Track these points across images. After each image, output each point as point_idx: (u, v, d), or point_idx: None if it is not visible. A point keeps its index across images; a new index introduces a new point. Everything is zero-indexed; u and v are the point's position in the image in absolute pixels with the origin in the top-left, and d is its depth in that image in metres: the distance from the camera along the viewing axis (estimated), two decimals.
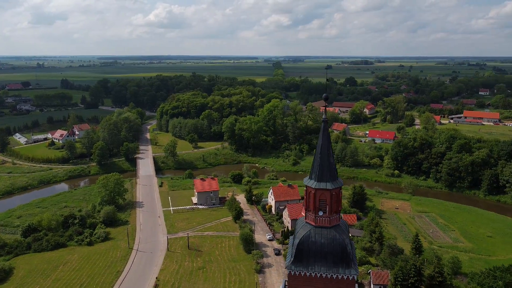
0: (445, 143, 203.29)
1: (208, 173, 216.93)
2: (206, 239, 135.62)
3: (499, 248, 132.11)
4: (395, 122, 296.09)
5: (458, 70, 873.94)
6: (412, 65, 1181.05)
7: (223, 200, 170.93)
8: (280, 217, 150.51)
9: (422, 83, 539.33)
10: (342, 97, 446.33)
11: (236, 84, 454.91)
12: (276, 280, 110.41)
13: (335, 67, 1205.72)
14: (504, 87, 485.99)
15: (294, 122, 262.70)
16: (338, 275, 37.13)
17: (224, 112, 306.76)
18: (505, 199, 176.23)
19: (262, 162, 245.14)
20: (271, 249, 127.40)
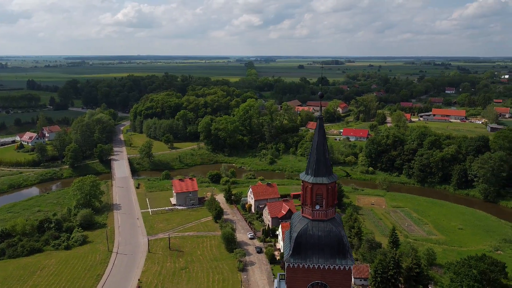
0: (416, 140, 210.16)
1: (184, 173, 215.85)
2: (187, 239, 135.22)
3: (469, 239, 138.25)
4: (367, 121, 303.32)
5: (424, 70, 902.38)
6: (381, 64, 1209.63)
7: (202, 200, 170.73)
8: (260, 216, 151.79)
9: (392, 82, 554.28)
10: (315, 96, 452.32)
11: (210, 84, 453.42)
12: (259, 277, 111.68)
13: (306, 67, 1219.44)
14: (468, 85, 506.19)
15: (270, 122, 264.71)
16: (335, 265, 38.61)
17: (199, 112, 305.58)
18: (473, 192, 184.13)
19: (239, 161, 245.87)
20: (253, 248, 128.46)
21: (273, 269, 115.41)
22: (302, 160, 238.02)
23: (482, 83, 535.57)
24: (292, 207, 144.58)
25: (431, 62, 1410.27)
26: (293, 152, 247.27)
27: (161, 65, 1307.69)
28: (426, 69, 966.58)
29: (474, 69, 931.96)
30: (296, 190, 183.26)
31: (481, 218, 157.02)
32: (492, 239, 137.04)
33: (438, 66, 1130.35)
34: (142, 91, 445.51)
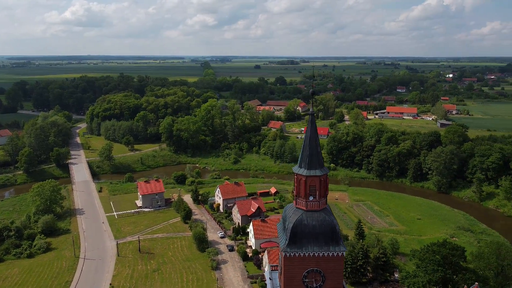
0: (374, 137, 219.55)
1: (147, 175, 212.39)
2: (157, 241, 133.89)
3: (427, 228, 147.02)
4: (326, 119, 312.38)
5: (376, 70, 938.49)
6: (334, 64, 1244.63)
7: (169, 201, 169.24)
8: (229, 215, 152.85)
9: (347, 81, 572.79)
10: (274, 96, 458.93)
11: (168, 84, 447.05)
12: (233, 275, 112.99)
13: (263, 67, 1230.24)
14: (417, 84, 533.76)
15: (232, 121, 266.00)
16: (329, 252, 41.00)
17: (160, 113, 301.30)
18: (428, 185, 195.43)
19: (203, 162, 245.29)
20: (224, 246, 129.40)
21: (246, 266, 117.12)
22: (266, 159, 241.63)
23: (430, 82, 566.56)
24: (261, 205, 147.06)
25: (381, 62, 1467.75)
26: (256, 151, 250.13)
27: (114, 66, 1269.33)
28: (377, 68, 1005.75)
29: (421, 68, 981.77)
30: (262, 188, 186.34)
31: (436, 208, 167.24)
32: (448, 227, 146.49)
33: (388, 66, 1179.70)
34: (97, 92, 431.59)
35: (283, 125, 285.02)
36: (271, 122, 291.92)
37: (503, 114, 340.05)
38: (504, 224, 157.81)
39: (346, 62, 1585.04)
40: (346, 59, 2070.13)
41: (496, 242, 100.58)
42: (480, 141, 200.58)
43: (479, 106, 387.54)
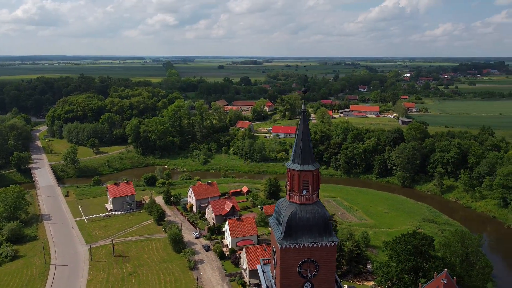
0: (341, 135, 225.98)
1: (114, 178, 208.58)
2: (131, 244, 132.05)
3: (394, 221, 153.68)
4: (293, 118, 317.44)
5: (337, 69, 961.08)
6: (297, 64, 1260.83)
7: (140, 204, 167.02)
8: (203, 215, 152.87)
9: (310, 81, 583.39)
10: (240, 96, 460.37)
11: (132, 85, 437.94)
12: (211, 274, 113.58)
13: (226, 67, 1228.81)
14: (378, 83, 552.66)
15: (200, 122, 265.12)
16: (323, 243, 43.08)
17: (125, 114, 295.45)
18: (392, 180, 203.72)
19: (171, 163, 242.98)
20: (200, 246, 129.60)
21: (224, 265, 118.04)
22: (235, 159, 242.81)
23: (390, 81, 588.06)
24: (235, 204, 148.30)
25: (342, 62, 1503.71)
26: (225, 151, 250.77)
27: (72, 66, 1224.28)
28: (338, 68, 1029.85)
29: (380, 68, 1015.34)
30: (234, 188, 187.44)
31: (402, 202, 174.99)
32: (413, 219, 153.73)
33: (349, 66, 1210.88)
34: (57, 93, 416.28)
35: (251, 124, 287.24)
36: (239, 122, 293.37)
37: (458, 111, 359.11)
38: (464, 214, 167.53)
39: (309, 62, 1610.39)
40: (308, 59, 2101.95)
41: (460, 231, 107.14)
42: (440, 137, 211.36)
43: (436, 104, 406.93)
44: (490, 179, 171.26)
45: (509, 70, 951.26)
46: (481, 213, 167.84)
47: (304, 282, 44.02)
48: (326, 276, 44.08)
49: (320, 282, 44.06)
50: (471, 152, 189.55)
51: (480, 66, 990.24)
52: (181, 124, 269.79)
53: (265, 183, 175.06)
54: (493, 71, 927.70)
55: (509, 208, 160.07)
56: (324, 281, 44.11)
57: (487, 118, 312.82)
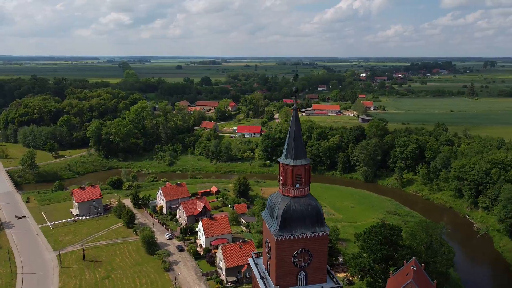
0: (305, 133, 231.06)
1: (77, 183, 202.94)
2: (102, 248, 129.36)
3: (361, 214, 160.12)
4: (257, 118, 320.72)
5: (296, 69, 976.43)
6: (256, 64, 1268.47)
7: (108, 207, 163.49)
8: (174, 216, 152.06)
9: (271, 81, 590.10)
10: (202, 96, 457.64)
11: (90, 86, 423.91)
12: (188, 274, 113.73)
13: (185, 67, 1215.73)
14: (336, 83, 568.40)
15: (164, 123, 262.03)
16: (316, 233, 45.51)
17: (85, 116, 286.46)
18: (356, 175, 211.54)
19: (136, 165, 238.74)
20: (174, 247, 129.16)
21: (199, 264, 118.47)
22: (202, 159, 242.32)
23: (348, 80, 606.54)
24: (206, 204, 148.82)
25: (300, 62, 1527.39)
26: (191, 152, 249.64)
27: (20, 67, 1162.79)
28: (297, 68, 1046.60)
29: (337, 68, 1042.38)
30: (202, 188, 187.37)
31: (366, 196, 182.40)
32: (378, 212, 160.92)
33: (307, 66, 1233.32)
34: (8, 96, 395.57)
35: (216, 125, 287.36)
36: (203, 123, 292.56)
37: (413, 109, 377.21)
38: (423, 206, 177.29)
39: (267, 62, 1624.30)
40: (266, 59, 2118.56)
41: (424, 221, 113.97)
42: (399, 133, 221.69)
43: (392, 102, 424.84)
44: (446, 172, 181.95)
45: (456, 69, 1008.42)
46: (439, 204, 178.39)
47: (298, 271, 46.26)
48: (319, 264, 46.55)
49: (314, 270, 46.48)
50: (428, 147, 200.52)
51: (430, 66, 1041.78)
52: (145, 125, 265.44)
53: (234, 183, 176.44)
54: (442, 70, 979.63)
55: (463, 198, 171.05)
56: (317, 269, 46.57)
57: (439, 115, 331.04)
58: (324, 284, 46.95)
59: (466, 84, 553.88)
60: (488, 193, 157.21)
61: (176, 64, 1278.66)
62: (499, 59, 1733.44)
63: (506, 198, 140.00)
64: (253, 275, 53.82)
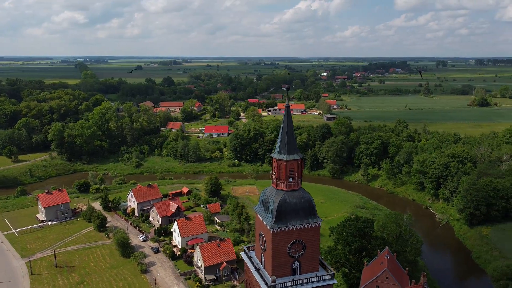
0: (273, 132, 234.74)
1: (39, 187, 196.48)
2: (73, 253, 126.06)
3: (331, 210, 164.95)
4: (223, 117, 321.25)
5: (258, 69, 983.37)
6: (218, 64, 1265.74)
7: (76, 212, 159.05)
8: (146, 218, 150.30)
9: (234, 81, 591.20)
10: (165, 97, 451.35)
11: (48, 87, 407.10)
12: (165, 275, 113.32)
13: (145, 67, 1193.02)
14: (299, 82, 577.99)
15: (130, 124, 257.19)
16: (309, 224, 47.82)
17: (45, 119, 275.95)
18: (324, 172, 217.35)
19: (101, 168, 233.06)
20: (149, 249, 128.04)
21: (176, 264, 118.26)
22: (170, 160, 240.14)
23: (310, 80, 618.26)
24: (180, 205, 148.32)
25: (261, 62, 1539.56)
26: (158, 153, 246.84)
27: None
28: (258, 68, 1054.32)
29: (299, 68, 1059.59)
30: (173, 189, 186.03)
31: (335, 192, 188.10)
32: (347, 207, 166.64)
33: (268, 66, 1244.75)
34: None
35: (183, 125, 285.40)
36: (169, 123, 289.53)
37: (373, 107, 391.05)
38: (388, 199, 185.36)
39: (229, 62, 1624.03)
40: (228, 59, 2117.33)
41: (394, 213, 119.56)
42: (363, 130, 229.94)
43: (354, 101, 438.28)
44: (408, 166, 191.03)
45: (411, 69, 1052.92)
46: (403, 197, 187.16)
47: (293, 261, 48.40)
48: (312, 254, 48.91)
49: (307, 260, 48.78)
50: (391, 143, 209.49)
51: (386, 66, 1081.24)
52: (109, 127, 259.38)
53: (205, 183, 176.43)
54: (397, 70, 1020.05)
55: (425, 191, 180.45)
56: (310, 259, 48.92)
57: (399, 112, 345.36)
58: (317, 272, 49.37)
59: (421, 83, 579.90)
60: (448, 185, 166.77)
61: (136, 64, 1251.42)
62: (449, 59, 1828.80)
63: (465, 189, 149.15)
64: (246, 269, 55.37)
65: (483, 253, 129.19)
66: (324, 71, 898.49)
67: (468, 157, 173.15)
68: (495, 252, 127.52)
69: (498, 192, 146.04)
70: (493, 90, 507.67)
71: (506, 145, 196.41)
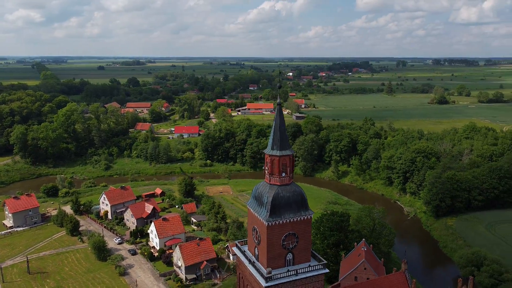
0: (245, 131, 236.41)
1: (3, 193, 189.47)
2: (47, 259, 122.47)
3: None
4: (193, 118, 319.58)
5: (224, 69, 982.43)
6: (183, 64, 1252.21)
7: (45, 216, 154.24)
8: (121, 220, 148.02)
9: (201, 81, 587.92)
10: (131, 98, 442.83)
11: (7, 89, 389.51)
12: (145, 277, 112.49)
13: (107, 67, 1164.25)
14: (266, 82, 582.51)
15: (97, 126, 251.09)
16: (301, 217, 49.79)
17: (5, 121, 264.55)
18: (295, 170, 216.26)
19: (68, 171, 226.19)
20: (125, 251, 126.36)
21: (155, 266, 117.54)
22: (140, 162, 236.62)
23: (277, 80, 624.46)
24: (155, 206, 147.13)
25: (226, 62, 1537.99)
26: (128, 155, 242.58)
27: None
28: (224, 68, 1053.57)
29: (264, 68, 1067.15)
30: (145, 190, 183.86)
31: (307, 189, 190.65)
32: (320, 203, 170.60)
33: (234, 66, 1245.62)
34: None
35: (152, 126, 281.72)
36: (138, 124, 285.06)
37: (340, 106, 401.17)
38: (358, 195, 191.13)
39: (194, 62, 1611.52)
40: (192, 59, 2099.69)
41: (367, 207, 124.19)
42: (332, 128, 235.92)
43: (320, 100, 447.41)
44: (377, 162, 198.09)
45: (373, 68, 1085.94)
46: (372, 192, 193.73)
47: (286, 253, 50.22)
48: (305, 245, 50.92)
49: (300, 251, 50.75)
50: (359, 141, 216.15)
51: (350, 66, 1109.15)
52: (76, 129, 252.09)
53: (179, 183, 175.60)
54: (360, 69, 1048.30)
55: (393, 186, 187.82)
56: (303, 250, 50.92)
57: (365, 111, 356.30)
58: (310, 263, 51.42)
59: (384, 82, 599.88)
60: (414, 179, 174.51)
61: (97, 65, 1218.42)
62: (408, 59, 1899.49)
63: (430, 182, 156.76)
64: (238, 263, 56.62)
65: (449, 243, 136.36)
66: (290, 71, 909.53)
67: (432, 152, 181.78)
68: (460, 241, 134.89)
69: (461, 185, 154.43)
70: (451, 89, 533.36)
71: (466, 140, 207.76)
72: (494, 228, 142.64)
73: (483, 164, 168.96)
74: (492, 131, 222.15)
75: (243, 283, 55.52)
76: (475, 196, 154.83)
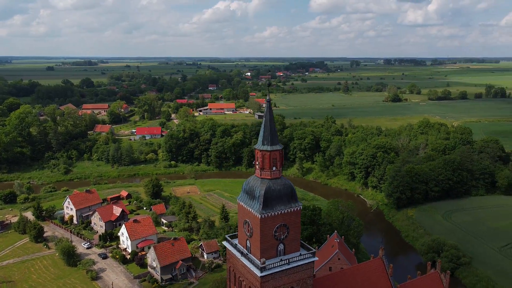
0: (209, 131, 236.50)
1: None
2: (11, 268, 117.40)
3: None
4: (153, 119, 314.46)
5: (181, 69, 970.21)
6: (138, 65, 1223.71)
7: (5, 224, 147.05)
8: (87, 225, 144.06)
9: (159, 81, 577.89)
10: (86, 99, 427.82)
11: None
12: (118, 280, 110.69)
13: (57, 68, 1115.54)
14: (225, 82, 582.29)
15: (55, 128, 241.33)
16: (291, 208, 52.12)
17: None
18: None
19: (25, 176, 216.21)
20: (95, 255, 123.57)
21: (128, 268, 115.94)
22: (101, 165, 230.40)
23: (236, 80, 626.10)
24: (124, 208, 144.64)
25: (182, 62, 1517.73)
26: (88, 158, 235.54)
27: None
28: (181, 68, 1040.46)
29: (221, 68, 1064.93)
30: (110, 194, 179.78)
31: None
32: None
33: (191, 66, 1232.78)
34: None
35: (112, 128, 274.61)
36: (97, 126, 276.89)
37: (300, 105, 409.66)
38: (323, 190, 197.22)
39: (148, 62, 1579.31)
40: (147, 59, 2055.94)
41: (336, 201, 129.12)
42: (295, 127, 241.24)
43: (280, 99, 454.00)
44: (339, 159, 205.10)
45: (329, 68, 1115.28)
46: (336, 188, 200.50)
47: (278, 243, 52.39)
48: (295, 236, 53.33)
49: (290, 241, 53.10)
50: (322, 138, 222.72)
51: (306, 65, 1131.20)
52: (30, 132, 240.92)
53: (145, 185, 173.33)
54: (317, 69, 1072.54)
55: (356, 180, 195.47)
56: (293, 240, 53.32)
57: (324, 109, 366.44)
58: (300, 252, 53.90)
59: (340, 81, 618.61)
60: (376, 173, 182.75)
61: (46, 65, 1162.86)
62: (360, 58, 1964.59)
63: (391, 176, 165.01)
64: (229, 257, 58.06)
65: (410, 232, 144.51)
66: (248, 70, 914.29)
67: (391, 147, 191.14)
68: (420, 230, 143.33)
69: (419, 177, 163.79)
70: (402, 87, 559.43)
71: (421, 136, 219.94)
72: (450, 217, 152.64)
73: (438, 157, 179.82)
74: (444, 127, 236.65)
75: (234, 276, 57.04)
76: (432, 188, 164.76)
